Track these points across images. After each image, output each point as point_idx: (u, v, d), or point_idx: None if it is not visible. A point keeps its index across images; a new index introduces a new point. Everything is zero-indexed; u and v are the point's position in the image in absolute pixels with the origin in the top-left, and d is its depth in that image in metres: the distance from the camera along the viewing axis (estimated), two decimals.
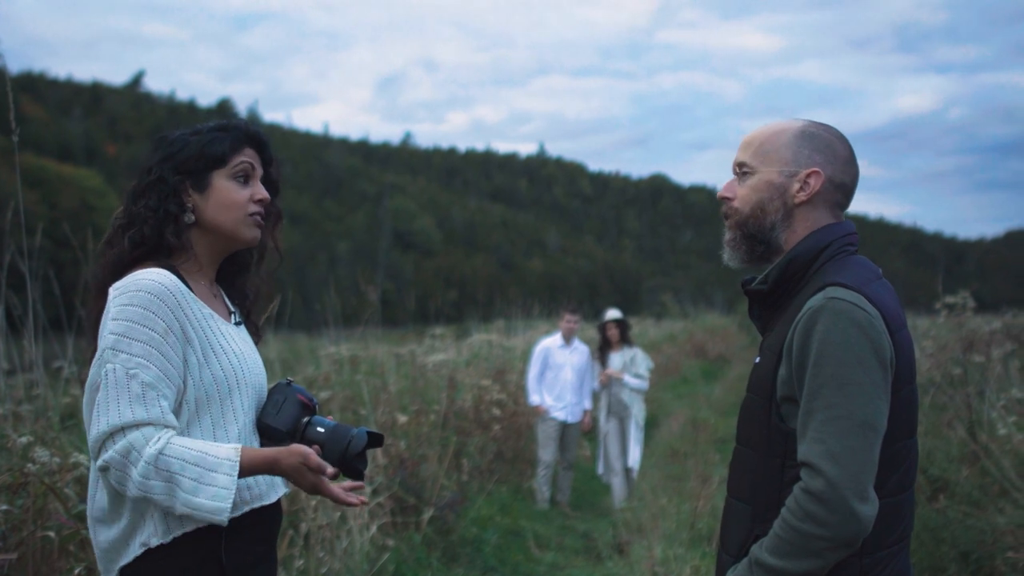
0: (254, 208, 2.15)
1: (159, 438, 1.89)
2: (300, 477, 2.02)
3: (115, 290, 1.98)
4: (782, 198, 2.04)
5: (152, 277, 1.97)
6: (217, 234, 2.14)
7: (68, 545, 3.45)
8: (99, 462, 1.89)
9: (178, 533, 1.97)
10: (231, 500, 1.90)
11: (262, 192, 2.17)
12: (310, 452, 2.00)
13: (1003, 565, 4.70)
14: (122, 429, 1.88)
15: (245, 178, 2.15)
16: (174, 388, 1.96)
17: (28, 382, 4.62)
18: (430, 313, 12.25)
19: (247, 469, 1.96)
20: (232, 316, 2.23)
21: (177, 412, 1.98)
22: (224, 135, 2.14)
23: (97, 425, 1.90)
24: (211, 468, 1.90)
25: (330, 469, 2.05)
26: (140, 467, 1.86)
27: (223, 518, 1.90)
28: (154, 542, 1.96)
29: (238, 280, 2.30)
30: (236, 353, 2.11)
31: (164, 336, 1.95)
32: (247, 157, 2.16)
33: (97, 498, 2.04)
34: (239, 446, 1.97)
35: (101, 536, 2.03)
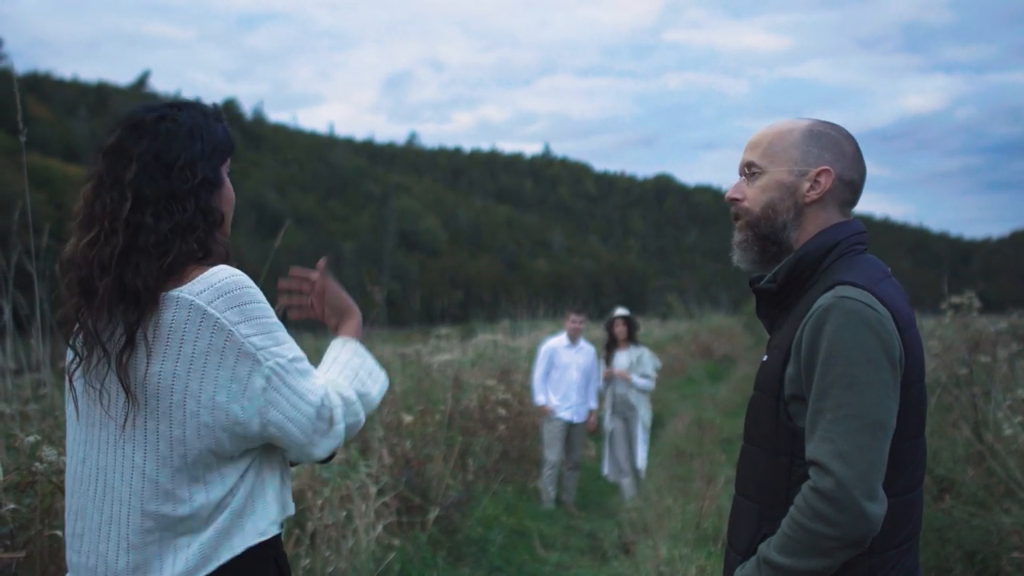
0: None
1: (332, 388, 2.00)
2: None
3: (201, 295, 1.83)
4: (793, 197, 2.04)
5: (235, 272, 1.89)
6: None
7: None
8: (338, 438, 1.98)
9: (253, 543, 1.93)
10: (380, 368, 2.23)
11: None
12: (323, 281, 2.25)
13: (1008, 565, 4.69)
14: (323, 403, 1.93)
15: None
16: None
17: (35, 381, 4.63)
18: (435, 313, 12.29)
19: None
20: None
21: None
22: (224, 124, 2.04)
23: (304, 415, 1.91)
24: (366, 358, 2.17)
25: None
26: (355, 407, 2.04)
27: (386, 381, 2.22)
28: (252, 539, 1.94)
29: None
30: None
31: (276, 317, 1.95)
32: None
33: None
34: (342, 337, 2.22)
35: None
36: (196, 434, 1.85)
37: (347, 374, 2.08)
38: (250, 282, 1.88)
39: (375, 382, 2.15)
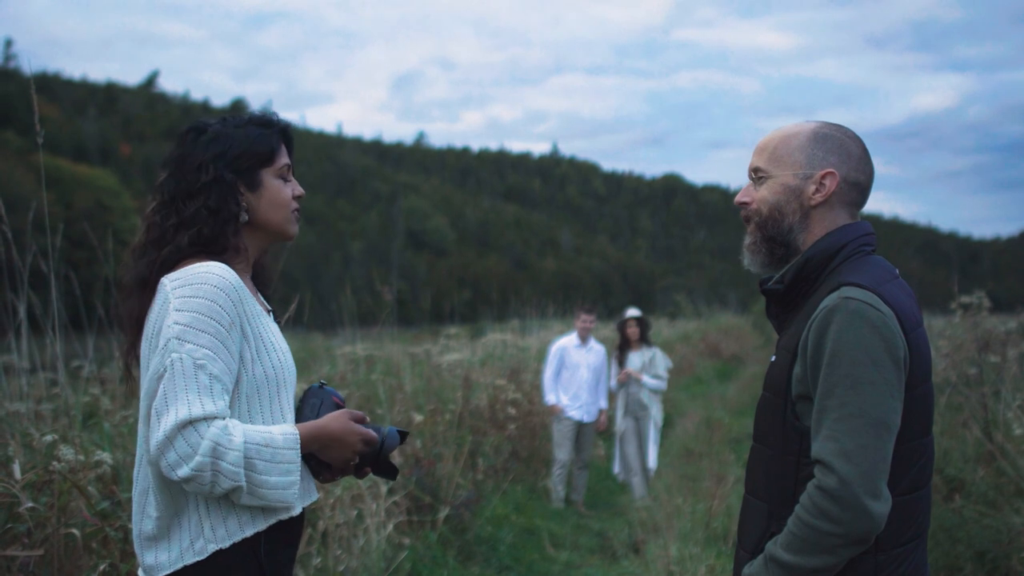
0: (295, 204, 2.20)
1: (235, 427, 1.89)
2: (350, 435, 2.08)
3: (174, 281, 1.96)
4: (798, 200, 2.06)
5: (216, 271, 1.97)
6: (266, 232, 2.17)
7: (91, 542, 3.49)
8: (184, 471, 1.83)
9: (226, 544, 1.96)
10: (298, 476, 1.96)
11: (299, 188, 2.22)
12: (351, 411, 2.12)
13: (1019, 565, 4.70)
14: (192, 423, 1.83)
15: (285, 176, 2.19)
16: (231, 385, 1.96)
17: (48, 381, 4.66)
18: (444, 313, 12.30)
19: (304, 444, 2.00)
20: (271, 313, 2.24)
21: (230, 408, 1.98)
22: (268, 132, 2.16)
23: (167, 415, 1.85)
24: (280, 446, 1.93)
25: (367, 419, 2.16)
26: (231, 457, 1.84)
27: (294, 494, 1.95)
28: (189, 558, 1.95)
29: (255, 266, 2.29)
30: (282, 350, 2.13)
31: (228, 330, 1.94)
32: (286, 156, 2.20)
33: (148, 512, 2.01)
34: (294, 424, 2.02)
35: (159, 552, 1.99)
36: (148, 412, 1.98)
37: (258, 440, 1.91)
38: (222, 282, 1.96)
39: (275, 474, 1.92)
